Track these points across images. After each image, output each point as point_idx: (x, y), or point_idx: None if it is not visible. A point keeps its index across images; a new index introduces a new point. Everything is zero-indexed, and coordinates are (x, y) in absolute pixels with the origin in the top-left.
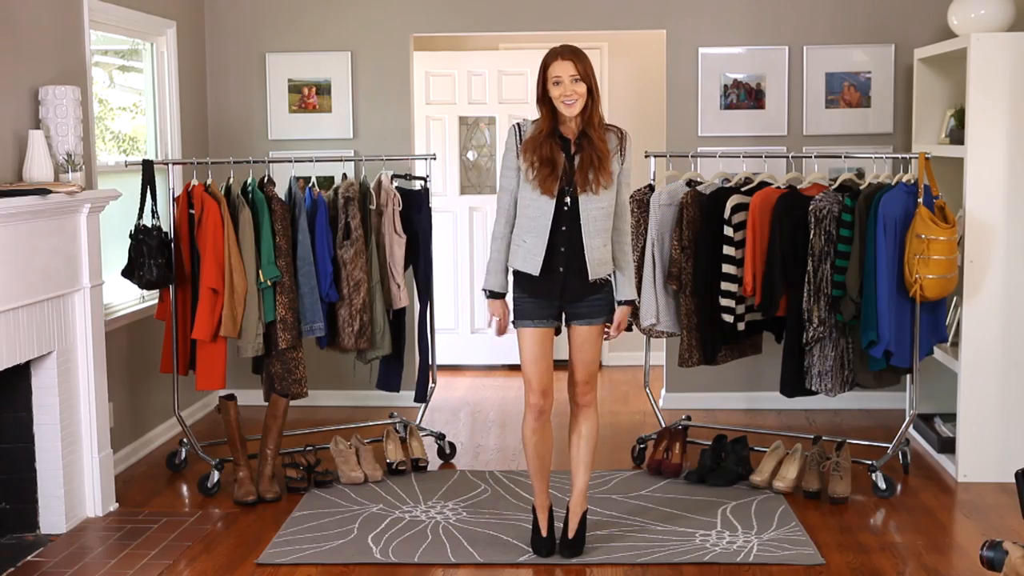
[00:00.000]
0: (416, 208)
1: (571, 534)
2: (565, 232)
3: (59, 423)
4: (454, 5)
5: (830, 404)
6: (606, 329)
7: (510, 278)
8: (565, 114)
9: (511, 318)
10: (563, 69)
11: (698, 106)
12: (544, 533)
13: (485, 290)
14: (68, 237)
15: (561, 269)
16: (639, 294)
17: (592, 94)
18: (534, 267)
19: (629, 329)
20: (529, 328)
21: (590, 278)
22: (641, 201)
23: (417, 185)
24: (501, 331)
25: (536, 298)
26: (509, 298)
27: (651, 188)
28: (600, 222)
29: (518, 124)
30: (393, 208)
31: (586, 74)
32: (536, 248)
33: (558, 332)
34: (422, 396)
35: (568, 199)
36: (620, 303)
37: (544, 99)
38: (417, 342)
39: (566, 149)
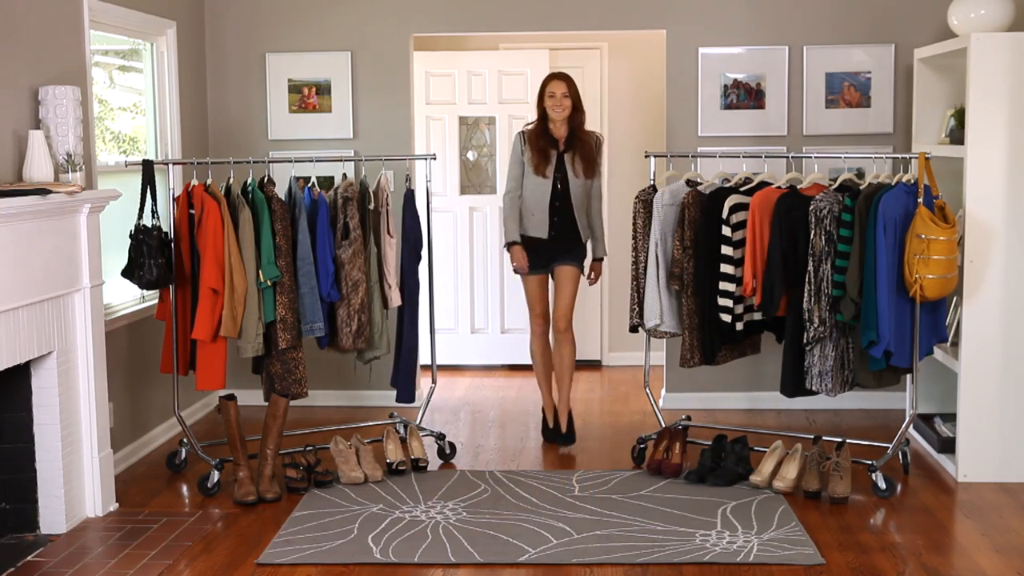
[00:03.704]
0: (405, 209)
1: (563, 429)
2: (559, 207)
3: (59, 423)
4: (454, 5)
5: (830, 404)
6: (590, 276)
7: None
8: (553, 118)
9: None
10: (557, 87)
11: (698, 106)
12: (551, 424)
13: (507, 242)
14: (68, 237)
15: (555, 234)
16: (644, 295)
17: (576, 108)
18: (544, 232)
19: (634, 330)
20: (532, 276)
21: (582, 240)
22: (646, 201)
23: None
24: (522, 270)
25: (537, 255)
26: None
27: (654, 188)
28: (581, 200)
29: (522, 131)
30: (387, 208)
31: (574, 94)
32: (542, 220)
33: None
34: (406, 397)
35: (559, 184)
36: (596, 260)
37: (539, 107)
38: (403, 342)
39: (556, 147)
